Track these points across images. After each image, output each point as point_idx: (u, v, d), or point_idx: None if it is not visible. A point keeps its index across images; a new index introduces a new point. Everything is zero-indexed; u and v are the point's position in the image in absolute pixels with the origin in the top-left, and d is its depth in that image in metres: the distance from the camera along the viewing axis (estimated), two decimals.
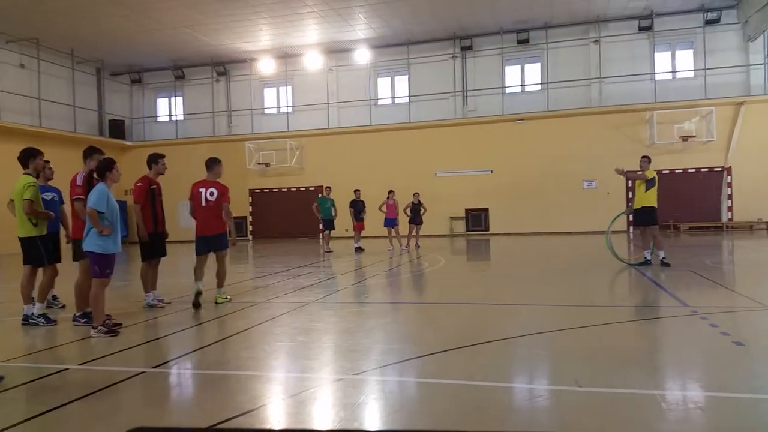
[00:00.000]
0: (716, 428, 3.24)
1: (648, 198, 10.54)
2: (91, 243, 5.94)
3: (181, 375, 4.73)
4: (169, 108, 28.30)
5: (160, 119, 28.43)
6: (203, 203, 7.66)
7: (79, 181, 6.66)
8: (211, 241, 7.72)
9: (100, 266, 5.95)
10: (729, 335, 5.23)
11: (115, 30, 21.88)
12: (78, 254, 6.70)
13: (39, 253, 6.61)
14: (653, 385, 3.93)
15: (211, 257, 7.81)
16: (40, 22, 20.61)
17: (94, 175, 6.21)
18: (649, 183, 10.53)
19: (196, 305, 7.37)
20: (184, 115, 27.81)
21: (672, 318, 6.38)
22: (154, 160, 7.72)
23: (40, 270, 6.79)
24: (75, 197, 6.66)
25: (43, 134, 21.58)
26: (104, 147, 8.47)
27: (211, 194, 7.66)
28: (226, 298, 7.92)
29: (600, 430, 3.23)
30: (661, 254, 10.59)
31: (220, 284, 7.90)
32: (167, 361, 5.02)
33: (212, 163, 7.89)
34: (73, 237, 6.86)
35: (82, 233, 6.12)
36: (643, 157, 10.90)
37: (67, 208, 7.36)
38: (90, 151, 6.84)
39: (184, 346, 5.59)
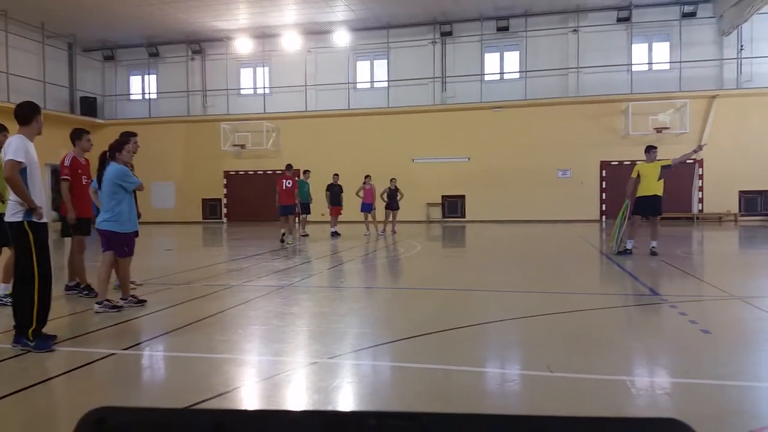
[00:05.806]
0: (682, 413, 3.31)
1: (659, 186, 10.44)
2: (105, 222, 6.03)
3: (153, 357, 4.67)
4: (142, 86, 27.68)
5: (133, 97, 27.81)
6: (284, 188, 14.04)
7: (67, 162, 6.85)
8: (286, 208, 13.99)
9: (125, 244, 6.12)
10: (697, 323, 5.35)
11: (88, 4, 21.24)
12: (65, 231, 7.17)
13: (3, 231, 6.42)
14: (623, 371, 4.01)
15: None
16: None
17: (107, 155, 6.29)
18: (665, 170, 10.40)
19: (282, 241, 13.84)
20: (157, 93, 27.23)
21: (642, 306, 6.50)
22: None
23: (5, 249, 6.62)
24: (62, 177, 6.87)
25: (11, 109, 20.73)
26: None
27: (289, 183, 14.03)
28: (293, 242, 13.71)
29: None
30: (654, 243, 10.59)
31: (290, 233, 14.01)
32: (139, 343, 4.96)
33: (289, 167, 14.42)
34: (63, 214, 7.11)
35: (66, 211, 6.66)
36: (650, 146, 10.75)
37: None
38: (78, 133, 7.01)
39: (157, 328, 5.51)
